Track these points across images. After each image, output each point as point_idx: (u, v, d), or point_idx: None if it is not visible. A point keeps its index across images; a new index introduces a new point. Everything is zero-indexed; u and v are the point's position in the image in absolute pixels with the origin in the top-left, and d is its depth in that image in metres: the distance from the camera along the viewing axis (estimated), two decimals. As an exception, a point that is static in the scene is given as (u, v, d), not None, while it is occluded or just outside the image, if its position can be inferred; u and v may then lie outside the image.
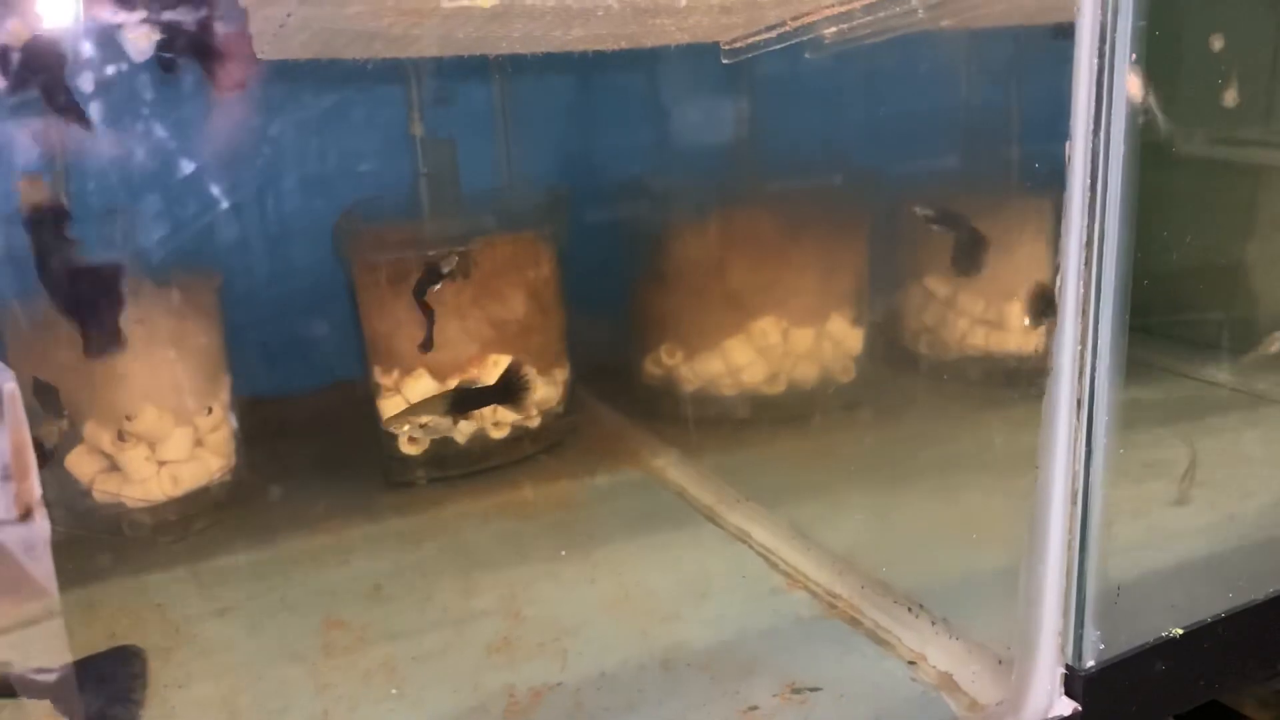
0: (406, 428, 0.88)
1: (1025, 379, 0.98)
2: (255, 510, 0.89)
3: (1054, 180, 1.05)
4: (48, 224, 0.72)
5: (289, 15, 0.47)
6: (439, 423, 0.88)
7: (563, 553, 0.79)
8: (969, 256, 0.99)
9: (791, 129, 1.02)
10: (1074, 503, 0.63)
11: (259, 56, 0.58)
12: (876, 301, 1.00)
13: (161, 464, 0.86)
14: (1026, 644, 0.63)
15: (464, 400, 0.88)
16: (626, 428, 1.02)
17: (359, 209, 0.96)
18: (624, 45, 0.58)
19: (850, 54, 0.75)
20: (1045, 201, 1.03)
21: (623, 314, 1.06)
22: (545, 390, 0.98)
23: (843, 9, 0.57)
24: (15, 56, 0.60)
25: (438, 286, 0.85)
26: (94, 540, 0.85)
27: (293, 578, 0.79)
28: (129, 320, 0.84)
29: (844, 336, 0.99)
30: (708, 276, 0.98)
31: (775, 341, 0.98)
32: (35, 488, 0.71)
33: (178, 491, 0.86)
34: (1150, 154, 0.61)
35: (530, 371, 0.90)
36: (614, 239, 1.06)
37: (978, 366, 1.02)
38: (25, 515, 0.71)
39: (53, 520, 0.87)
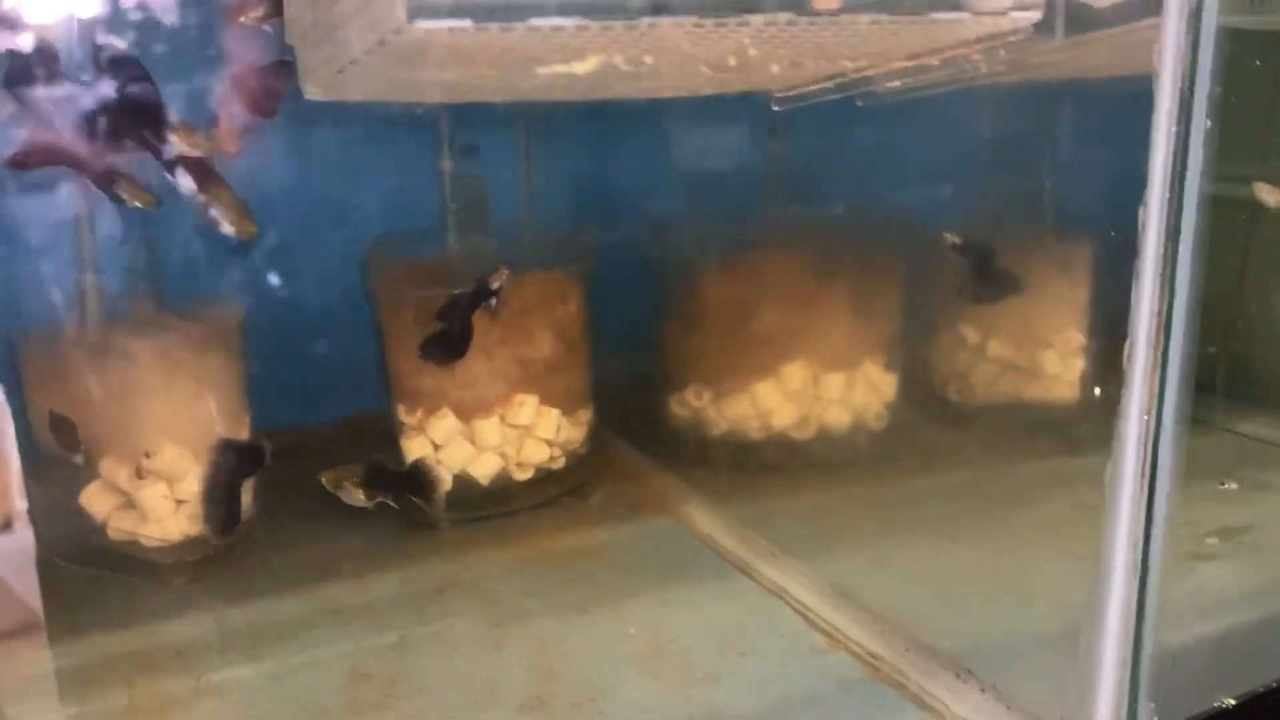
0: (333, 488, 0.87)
1: (1061, 430, 0.97)
2: (273, 551, 0.87)
3: (1088, 229, 1.04)
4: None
5: (351, 62, 0.45)
6: (354, 494, 0.87)
7: (588, 610, 0.77)
8: (983, 285, 0.97)
9: (825, 171, 1.01)
10: (1135, 573, 0.61)
11: (308, 97, 0.57)
12: (908, 347, 0.99)
13: (179, 502, 0.84)
14: (1083, 714, 0.61)
15: (373, 478, 0.87)
16: (651, 470, 1.00)
17: (385, 244, 0.94)
18: (684, 94, 0.56)
19: (896, 100, 0.74)
20: (1079, 249, 1.03)
21: (647, 354, 1.05)
22: (570, 431, 0.96)
23: (915, 63, 0.56)
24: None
25: (493, 303, 0.83)
26: (108, 579, 0.82)
27: (316, 625, 0.77)
28: (150, 353, 0.82)
29: (877, 382, 0.97)
30: (738, 318, 0.97)
31: (805, 386, 0.97)
32: (17, 499, 0.69)
33: (195, 531, 0.84)
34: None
35: (439, 471, 0.89)
36: (639, 278, 1.05)
37: (1010, 415, 1.01)
38: (6, 526, 0.68)
39: (66, 557, 0.85)
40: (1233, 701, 0.66)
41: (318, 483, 0.97)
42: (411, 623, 0.76)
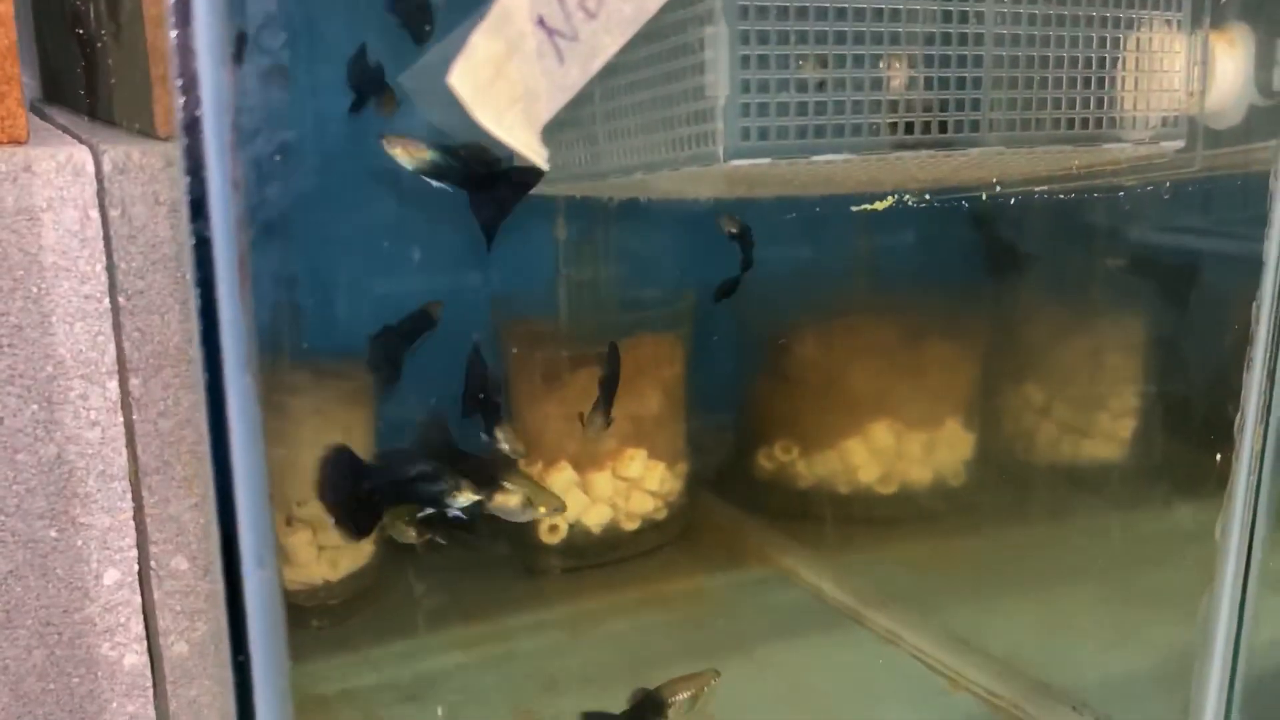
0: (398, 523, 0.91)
1: (1118, 486, 1.06)
2: (400, 595, 0.92)
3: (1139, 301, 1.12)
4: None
5: (616, 173, 0.52)
6: (406, 532, 0.91)
7: (720, 654, 0.83)
8: (1000, 262, 1.03)
9: (909, 241, 1.09)
10: (1236, 611, 0.69)
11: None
12: (985, 408, 1.07)
13: (321, 548, 0.89)
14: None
15: (425, 518, 0.91)
16: (742, 521, 1.07)
17: (502, 303, 1.01)
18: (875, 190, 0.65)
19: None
20: (1132, 318, 1.11)
21: (736, 409, 1.12)
22: (671, 483, 1.02)
23: (1064, 173, 0.64)
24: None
25: None
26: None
27: (465, 665, 0.82)
28: (306, 408, 0.88)
29: (957, 441, 1.05)
30: (828, 379, 1.04)
31: (890, 444, 1.04)
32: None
33: (336, 576, 0.89)
34: None
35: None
36: (728, 339, 1.12)
37: (1071, 472, 1.09)
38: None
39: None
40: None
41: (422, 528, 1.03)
42: (555, 665, 0.82)
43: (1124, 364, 1.06)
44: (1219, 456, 0.66)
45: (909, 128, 0.48)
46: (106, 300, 0.52)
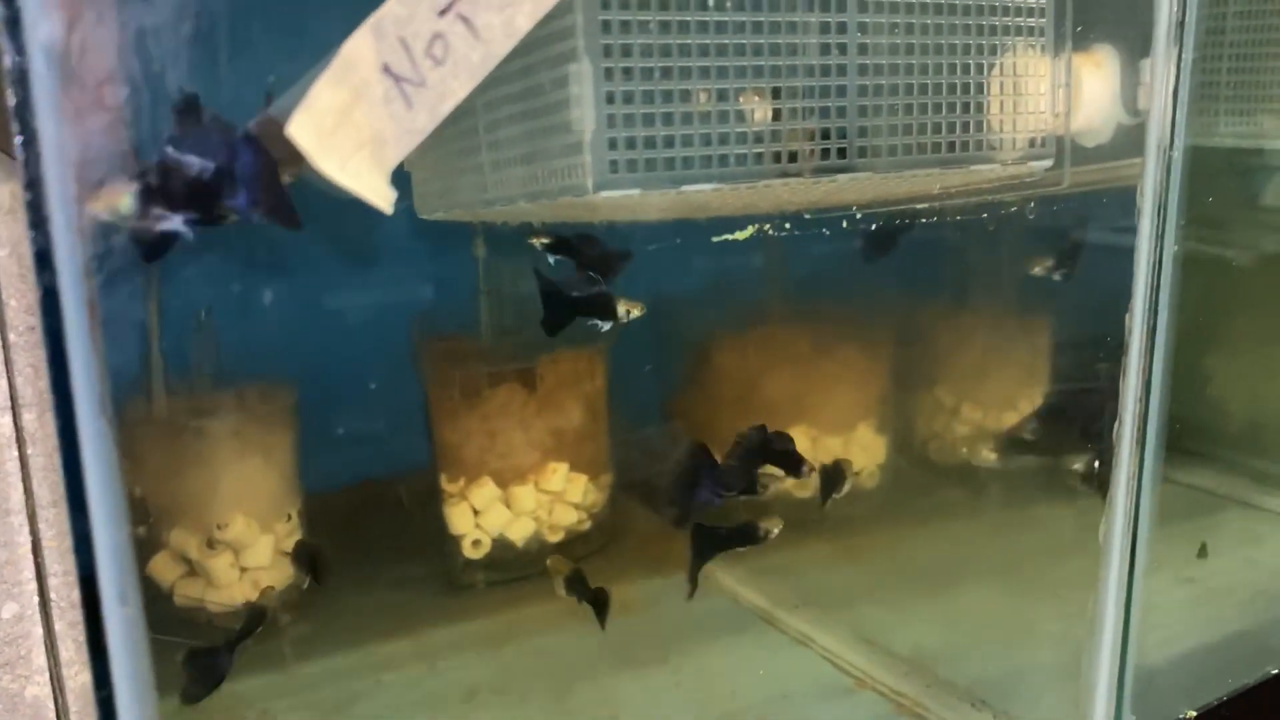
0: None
1: (1023, 484, 1.09)
2: (330, 613, 0.93)
3: (1044, 305, 1.16)
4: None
5: (500, 201, 0.54)
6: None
7: (637, 661, 0.85)
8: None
9: (820, 253, 1.12)
10: (1124, 610, 0.73)
11: (422, 216, 0.65)
12: (896, 412, 1.10)
13: (243, 570, 0.90)
14: (1082, 728, 0.72)
15: (302, 555, 0.91)
16: (664, 529, 1.09)
17: (423, 321, 1.02)
18: (758, 213, 0.67)
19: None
20: (1039, 321, 1.15)
21: (658, 420, 1.14)
22: (594, 495, 1.04)
23: (942, 191, 0.67)
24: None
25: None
26: (176, 644, 0.87)
27: (385, 682, 0.83)
28: (225, 431, 0.89)
29: (869, 444, 1.08)
30: (745, 387, 1.07)
31: (806, 449, 1.07)
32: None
33: (256, 597, 0.90)
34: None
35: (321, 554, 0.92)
36: (648, 352, 1.14)
37: (981, 472, 1.13)
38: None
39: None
40: (1194, 714, 0.78)
41: (351, 547, 1.04)
42: (476, 678, 0.84)
43: (1023, 368, 1.10)
44: (1097, 462, 0.69)
45: (776, 157, 0.50)
46: (-3, 337, 0.52)
